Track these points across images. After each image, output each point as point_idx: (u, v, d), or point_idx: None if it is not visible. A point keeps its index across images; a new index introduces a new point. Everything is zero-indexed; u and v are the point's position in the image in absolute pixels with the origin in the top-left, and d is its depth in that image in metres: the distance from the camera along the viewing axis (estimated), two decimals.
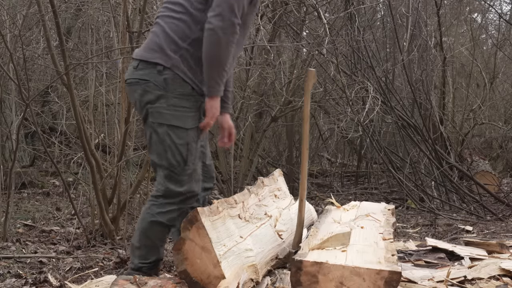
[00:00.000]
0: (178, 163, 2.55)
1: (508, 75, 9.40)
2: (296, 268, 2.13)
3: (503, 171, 8.18)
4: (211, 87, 2.50)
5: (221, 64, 2.47)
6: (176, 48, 2.52)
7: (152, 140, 2.59)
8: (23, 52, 4.21)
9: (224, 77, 2.50)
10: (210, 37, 2.44)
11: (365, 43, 6.15)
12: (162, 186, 2.58)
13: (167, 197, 2.57)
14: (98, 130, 4.83)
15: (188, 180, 2.57)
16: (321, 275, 2.11)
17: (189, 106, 2.55)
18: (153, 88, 2.52)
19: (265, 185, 3.20)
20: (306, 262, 2.13)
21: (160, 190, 2.58)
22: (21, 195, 5.90)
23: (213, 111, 2.52)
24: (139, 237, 2.63)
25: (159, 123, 2.55)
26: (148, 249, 2.61)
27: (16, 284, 2.94)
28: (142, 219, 2.63)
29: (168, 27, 2.56)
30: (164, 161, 2.55)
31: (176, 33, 2.53)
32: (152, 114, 2.56)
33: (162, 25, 2.59)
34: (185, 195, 2.57)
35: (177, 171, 2.55)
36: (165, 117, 2.54)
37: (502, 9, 10.77)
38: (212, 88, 2.50)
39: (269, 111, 6.33)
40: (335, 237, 2.41)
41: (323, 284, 2.10)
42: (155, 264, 2.64)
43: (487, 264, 2.79)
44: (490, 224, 5.10)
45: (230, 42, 2.44)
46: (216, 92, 2.51)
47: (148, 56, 2.55)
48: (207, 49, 2.46)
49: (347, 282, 2.09)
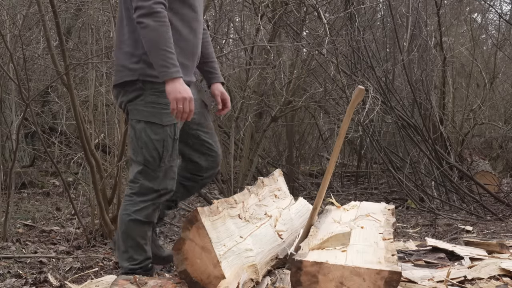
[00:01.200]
0: (154, 159, 2.59)
1: (508, 75, 9.39)
2: (296, 268, 2.14)
3: (503, 171, 8.18)
4: (161, 72, 2.50)
5: (159, 47, 2.47)
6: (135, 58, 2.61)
7: (130, 136, 2.65)
8: (23, 52, 4.21)
9: (170, 58, 2.48)
10: (140, 29, 2.50)
11: (365, 43, 6.15)
12: (136, 183, 2.61)
13: (141, 194, 2.60)
14: (98, 130, 4.83)
15: (163, 177, 2.60)
16: (321, 275, 2.11)
17: (166, 103, 2.55)
18: (131, 90, 2.62)
19: (265, 185, 3.20)
20: (306, 262, 2.13)
21: (135, 187, 2.62)
22: (21, 195, 5.90)
23: (174, 95, 2.49)
24: (122, 240, 2.66)
25: (137, 119, 2.61)
26: (133, 249, 2.64)
27: (16, 284, 2.94)
28: (120, 221, 2.65)
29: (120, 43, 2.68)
30: (140, 157, 2.60)
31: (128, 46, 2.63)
32: (131, 111, 2.64)
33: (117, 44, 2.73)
34: (159, 192, 2.61)
35: (152, 167, 2.59)
36: (142, 114, 2.60)
37: (502, 9, 10.77)
38: (162, 72, 2.49)
39: (269, 111, 6.33)
40: (335, 237, 2.41)
41: (323, 284, 2.10)
42: (145, 265, 2.66)
43: (487, 264, 2.79)
44: (490, 224, 5.10)
45: (157, 23, 2.46)
46: (169, 75, 2.49)
47: (117, 79, 2.68)
48: (143, 40, 2.51)
49: (347, 282, 2.09)
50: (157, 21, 2.46)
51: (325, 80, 6.21)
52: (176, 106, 2.50)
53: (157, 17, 2.46)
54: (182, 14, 2.63)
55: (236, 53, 7.68)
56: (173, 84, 2.49)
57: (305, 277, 2.12)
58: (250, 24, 6.55)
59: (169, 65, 2.48)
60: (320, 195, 2.67)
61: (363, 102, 5.36)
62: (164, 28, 2.48)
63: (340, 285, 2.09)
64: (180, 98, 2.50)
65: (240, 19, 7.82)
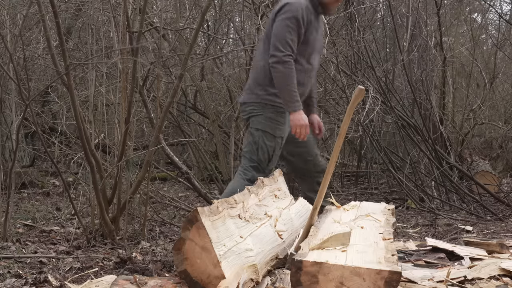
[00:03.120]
0: (265, 160, 3.50)
1: (508, 75, 9.39)
2: (296, 268, 2.13)
3: (503, 171, 8.17)
4: (288, 105, 3.41)
5: (286, 87, 3.36)
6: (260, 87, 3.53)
7: (249, 140, 3.55)
8: (23, 52, 4.21)
9: (294, 95, 3.37)
10: (273, 72, 3.39)
11: (365, 43, 6.15)
12: (249, 172, 3.48)
13: (249, 180, 3.41)
14: (98, 130, 4.82)
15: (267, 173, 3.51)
16: (321, 275, 2.11)
17: (280, 121, 3.51)
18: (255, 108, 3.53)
19: (265, 185, 3.20)
20: (306, 262, 2.13)
21: (248, 174, 3.47)
22: (21, 195, 5.90)
23: (297, 122, 3.40)
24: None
25: (256, 128, 3.52)
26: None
27: (16, 284, 2.94)
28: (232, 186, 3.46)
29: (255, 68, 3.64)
30: (255, 156, 3.50)
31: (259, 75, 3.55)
32: (252, 122, 3.55)
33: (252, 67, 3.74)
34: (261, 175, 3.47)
35: (262, 166, 3.50)
36: (261, 125, 3.50)
37: (502, 9, 10.78)
38: (289, 105, 3.41)
39: None
40: (335, 237, 2.41)
41: (323, 284, 2.10)
42: None
43: (487, 264, 2.79)
44: (490, 224, 5.10)
45: (287, 70, 3.34)
46: (292, 108, 3.40)
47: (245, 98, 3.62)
48: (275, 80, 3.41)
49: (347, 282, 2.09)
50: (286, 68, 3.34)
51: (325, 80, 6.21)
52: (297, 130, 3.42)
53: (286, 66, 3.35)
54: (302, 65, 3.49)
55: (236, 53, 7.68)
56: (297, 115, 3.40)
57: (305, 277, 2.12)
58: (250, 24, 6.54)
59: (294, 101, 3.39)
60: (320, 195, 2.67)
61: (363, 102, 5.36)
62: (291, 74, 3.36)
63: (340, 285, 2.09)
64: (300, 125, 3.42)
65: (240, 19, 7.82)
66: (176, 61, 5.85)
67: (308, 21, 3.41)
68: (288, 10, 3.36)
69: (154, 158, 5.11)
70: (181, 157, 7.55)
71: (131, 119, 4.06)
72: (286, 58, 3.34)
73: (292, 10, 3.35)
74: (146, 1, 4.18)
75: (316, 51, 3.56)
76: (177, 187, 7.05)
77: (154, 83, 5.92)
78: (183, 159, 7.44)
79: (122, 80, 4.17)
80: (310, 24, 3.42)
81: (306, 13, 3.38)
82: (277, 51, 3.34)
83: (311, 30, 3.43)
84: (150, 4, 4.96)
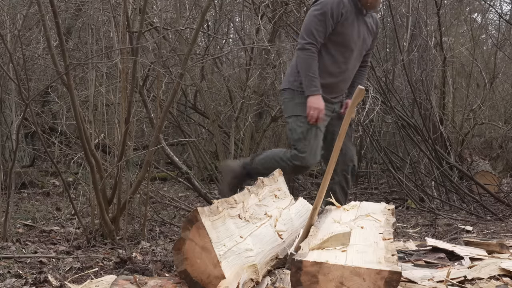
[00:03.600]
0: (299, 141, 3.71)
1: (508, 75, 9.39)
2: (296, 268, 2.13)
3: (503, 171, 8.17)
4: (306, 89, 3.68)
5: (306, 73, 3.64)
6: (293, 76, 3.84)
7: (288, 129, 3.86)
8: (23, 52, 4.20)
9: (312, 81, 3.63)
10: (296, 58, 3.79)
11: None
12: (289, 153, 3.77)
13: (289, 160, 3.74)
14: (98, 130, 4.82)
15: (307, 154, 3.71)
16: (321, 275, 2.11)
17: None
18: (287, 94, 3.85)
19: (265, 185, 3.20)
20: (306, 262, 2.13)
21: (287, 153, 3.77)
22: (21, 195, 5.90)
23: (309, 104, 3.66)
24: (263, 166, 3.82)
25: (288, 115, 3.83)
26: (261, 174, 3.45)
27: (16, 284, 2.94)
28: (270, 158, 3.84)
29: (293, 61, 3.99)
30: (292, 141, 3.75)
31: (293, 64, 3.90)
32: (284, 110, 3.96)
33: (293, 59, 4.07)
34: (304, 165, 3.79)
35: (299, 149, 3.71)
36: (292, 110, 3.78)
37: (502, 9, 10.78)
38: (306, 89, 3.68)
39: (269, 111, 6.33)
40: (335, 237, 2.41)
41: (323, 284, 2.10)
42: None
43: (487, 264, 2.79)
44: (490, 224, 5.10)
45: (307, 56, 3.62)
46: (309, 91, 3.66)
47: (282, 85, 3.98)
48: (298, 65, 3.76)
49: (347, 282, 2.08)
50: (307, 54, 3.63)
51: None
52: (311, 112, 3.66)
53: (307, 53, 3.64)
54: (334, 56, 3.75)
55: (236, 53, 7.68)
56: (312, 98, 3.67)
57: (305, 277, 2.12)
58: (250, 24, 6.55)
59: (311, 86, 3.66)
60: (320, 195, 2.67)
61: (363, 102, 5.36)
62: (310, 60, 3.64)
63: (340, 285, 2.09)
64: (313, 108, 3.66)
65: (240, 19, 7.82)
66: (176, 61, 5.85)
67: (342, 16, 3.64)
68: (320, 3, 3.68)
69: (154, 158, 5.11)
70: (181, 157, 7.55)
71: (131, 119, 4.06)
72: (307, 46, 3.63)
73: (323, 4, 3.66)
74: (146, 1, 4.18)
75: (355, 47, 3.76)
76: (177, 187, 7.06)
77: (154, 83, 5.92)
78: (183, 159, 7.44)
79: (122, 80, 4.16)
80: (346, 19, 3.65)
81: (339, 8, 3.63)
82: (301, 39, 3.69)
83: (346, 25, 3.66)
84: (150, 4, 4.96)
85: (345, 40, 3.73)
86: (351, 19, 3.69)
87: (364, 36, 3.81)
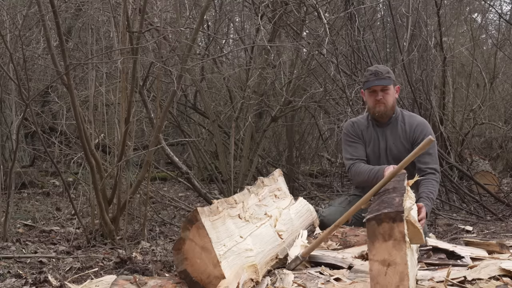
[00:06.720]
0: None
1: (508, 75, 9.38)
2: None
3: (503, 171, 8.17)
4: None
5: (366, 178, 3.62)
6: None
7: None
8: (23, 52, 4.20)
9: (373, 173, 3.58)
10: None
11: (365, 43, 6.15)
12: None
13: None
14: (98, 130, 4.82)
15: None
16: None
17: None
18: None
19: (265, 185, 3.20)
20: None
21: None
22: (21, 195, 5.90)
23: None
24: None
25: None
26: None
27: (16, 284, 2.94)
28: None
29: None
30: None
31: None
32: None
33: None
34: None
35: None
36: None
37: (502, 9, 10.78)
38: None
39: (269, 111, 6.33)
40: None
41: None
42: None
43: (487, 265, 2.79)
44: (490, 224, 5.10)
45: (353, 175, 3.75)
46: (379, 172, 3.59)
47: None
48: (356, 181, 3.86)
49: None
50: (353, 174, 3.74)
51: (325, 80, 6.21)
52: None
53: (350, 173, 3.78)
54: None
55: (236, 53, 7.69)
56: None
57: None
58: (250, 24, 6.55)
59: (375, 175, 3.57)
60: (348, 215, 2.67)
61: (363, 102, 5.35)
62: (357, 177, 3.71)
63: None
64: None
65: (240, 19, 7.83)
66: (176, 61, 5.85)
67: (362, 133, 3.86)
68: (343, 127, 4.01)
69: (154, 158, 5.11)
70: (181, 157, 7.56)
71: (131, 119, 4.06)
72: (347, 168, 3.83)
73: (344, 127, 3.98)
74: (146, 1, 4.18)
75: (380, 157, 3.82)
76: (177, 187, 7.06)
77: (154, 83, 5.92)
78: (183, 159, 7.44)
79: (122, 80, 4.17)
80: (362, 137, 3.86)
81: (354, 128, 3.86)
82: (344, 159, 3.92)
83: (368, 139, 3.84)
84: (150, 4, 4.96)
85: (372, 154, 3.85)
86: (369, 132, 3.84)
87: (388, 145, 3.81)
